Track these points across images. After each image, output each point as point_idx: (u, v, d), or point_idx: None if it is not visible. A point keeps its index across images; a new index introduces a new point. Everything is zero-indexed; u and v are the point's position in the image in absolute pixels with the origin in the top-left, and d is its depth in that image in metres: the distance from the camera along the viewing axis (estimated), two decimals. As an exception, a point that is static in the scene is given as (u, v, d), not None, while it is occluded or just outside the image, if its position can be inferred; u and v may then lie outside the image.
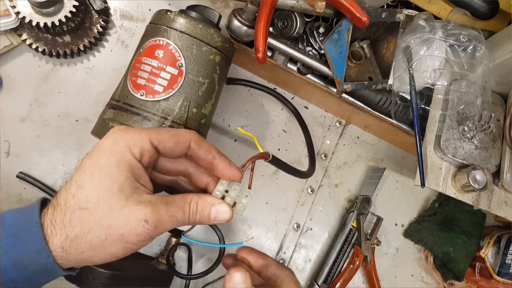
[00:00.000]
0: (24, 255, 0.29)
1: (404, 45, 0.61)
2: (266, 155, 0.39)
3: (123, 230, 0.30)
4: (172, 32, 0.51)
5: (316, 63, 0.65)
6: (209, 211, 0.34)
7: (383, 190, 0.77)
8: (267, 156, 0.39)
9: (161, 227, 0.32)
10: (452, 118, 0.61)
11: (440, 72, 0.60)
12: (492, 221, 0.79)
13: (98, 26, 0.64)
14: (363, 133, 0.77)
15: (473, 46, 0.60)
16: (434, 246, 0.74)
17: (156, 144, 0.34)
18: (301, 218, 0.73)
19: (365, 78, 0.65)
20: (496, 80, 0.66)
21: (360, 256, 0.70)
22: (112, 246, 0.30)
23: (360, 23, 0.54)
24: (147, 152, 0.33)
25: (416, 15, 0.62)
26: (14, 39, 0.61)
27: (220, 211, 0.35)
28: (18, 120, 0.62)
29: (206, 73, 0.52)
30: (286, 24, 0.65)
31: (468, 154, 0.60)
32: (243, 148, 0.71)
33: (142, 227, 0.30)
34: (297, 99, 0.74)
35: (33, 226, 0.30)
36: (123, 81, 0.53)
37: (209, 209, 0.34)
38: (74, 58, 0.65)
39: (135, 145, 0.32)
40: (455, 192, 0.60)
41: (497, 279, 0.71)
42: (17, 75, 0.63)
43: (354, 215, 0.71)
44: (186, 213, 0.34)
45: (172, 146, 0.35)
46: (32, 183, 0.61)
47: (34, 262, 0.30)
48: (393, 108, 0.67)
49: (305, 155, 0.73)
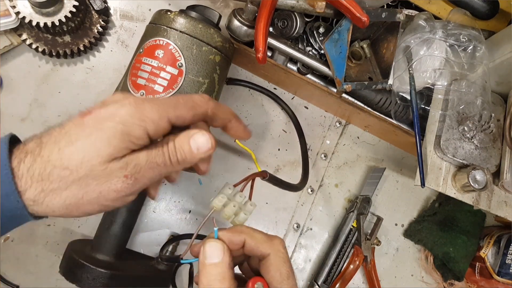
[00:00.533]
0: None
1: (404, 45, 0.61)
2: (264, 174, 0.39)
3: (101, 188, 0.29)
4: (172, 32, 0.51)
5: (316, 63, 0.65)
6: (188, 144, 0.32)
7: (383, 190, 0.77)
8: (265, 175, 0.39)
9: (142, 177, 0.30)
10: (452, 118, 0.61)
11: (440, 72, 0.60)
12: (492, 221, 0.79)
13: (98, 26, 0.64)
14: (363, 133, 0.77)
15: (473, 46, 0.60)
16: (434, 246, 0.74)
17: (174, 121, 0.32)
18: (301, 218, 0.73)
19: (365, 78, 0.65)
20: (496, 80, 0.66)
21: (360, 256, 0.70)
22: (88, 204, 0.29)
23: (360, 23, 0.54)
24: (162, 130, 0.32)
25: (416, 15, 0.62)
26: (14, 39, 0.61)
27: (199, 139, 0.32)
28: (18, 120, 0.62)
29: (206, 73, 0.52)
30: (286, 24, 0.65)
31: (468, 154, 0.60)
32: (243, 148, 0.71)
33: (121, 182, 0.29)
34: (297, 99, 0.74)
35: (3, 168, 0.28)
36: (123, 81, 0.53)
37: (188, 142, 0.32)
38: (74, 58, 0.65)
39: (152, 122, 0.31)
40: (455, 192, 0.60)
41: (497, 279, 0.71)
42: (17, 75, 0.63)
43: (354, 215, 0.71)
44: (166, 154, 0.31)
45: (190, 120, 0.33)
46: (32, 183, 0.61)
47: (3, 205, 0.28)
48: (393, 108, 0.67)
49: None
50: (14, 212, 0.28)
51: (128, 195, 0.31)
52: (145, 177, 0.31)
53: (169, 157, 0.31)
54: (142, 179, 0.30)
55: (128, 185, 0.30)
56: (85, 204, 0.29)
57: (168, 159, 0.31)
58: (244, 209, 0.36)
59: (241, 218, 0.35)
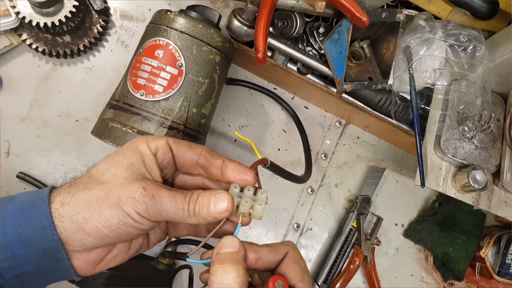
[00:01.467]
0: (29, 231, 0.30)
1: (404, 45, 0.61)
2: (265, 161, 0.38)
3: (121, 194, 0.31)
4: (172, 32, 0.51)
5: (316, 63, 0.65)
6: (209, 200, 0.33)
7: (383, 190, 0.77)
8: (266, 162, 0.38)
9: (159, 200, 0.32)
10: (452, 118, 0.61)
11: (440, 72, 0.60)
12: (492, 221, 0.79)
13: (98, 26, 0.64)
14: (363, 133, 0.77)
15: (473, 46, 0.60)
16: (434, 246, 0.74)
17: (171, 144, 0.36)
18: (301, 218, 0.73)
19: (365, 78, 0.65)
20: (496, 80, 0.66)
21: (360, 256, 0.70)
22: (108, 208, 0.30)
23: (360, 23, 0.54)
24: (162, 148, 0.35)
25: (416, 15, 0.62)
26: (14, 39, 0.61)
27: (219, 198, 0.33)
28: (18, 120, 0.62)
29: (206, 73, 0.52)
30: (286, 24, 0.65)
31: (468, 154, 0.60)
32: (243, 148, 0.71)
33: (139, 193, 0.31)
34: (297, 99, 0.74)
35: (42, 203, 0.31)
36: (123, 81, 0.53)
37: (209, 198, 0.33)
38: (74, 58, 0.65)
39: (153, 140, 0.35)
40: (455, 192, 0.60)
41: (497, 279, 0.71)
42: (17, 75, 0.63)
43: (354, 215, 0.71)
44: (187, 199, 0.33)
45: (186, 149, 0.36)
46: (32, 183, 0.61)
47: (39, 238, 0.30)
48: (393, 108, 0.67)
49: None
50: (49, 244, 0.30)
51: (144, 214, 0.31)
52: (162, 204, 0.32)
53: (189, 202, 0.33)
54: (159, 203, 0.32)
55: (146, 199, 0.31)
56: (105, 207, 0.31)
57: (187, 204, 0.33)
58: (258, 200, 0.35)
59: (258, 210, 0.35)
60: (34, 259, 0.31)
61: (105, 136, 0.49)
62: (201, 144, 0.56)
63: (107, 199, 0.31)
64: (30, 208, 0.31)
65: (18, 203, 0.32)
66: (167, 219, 0.33)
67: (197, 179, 0.39)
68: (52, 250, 0.31)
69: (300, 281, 0.33)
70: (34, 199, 0.32)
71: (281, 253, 0.35)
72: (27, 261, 0.30)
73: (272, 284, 0.31)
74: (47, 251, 0.31)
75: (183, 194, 0.33)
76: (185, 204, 0.33)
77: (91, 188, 0.32)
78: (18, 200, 0.32)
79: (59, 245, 0.31)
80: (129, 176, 0.32)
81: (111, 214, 0.31)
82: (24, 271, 0.31)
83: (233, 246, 0.33)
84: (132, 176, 0.32)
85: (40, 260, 0.31)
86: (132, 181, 0.32)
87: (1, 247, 0.30)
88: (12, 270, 0.30)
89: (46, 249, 0.31)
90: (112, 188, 0.31)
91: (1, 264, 0.30)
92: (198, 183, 0.39)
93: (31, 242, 0.30)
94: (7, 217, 0.31)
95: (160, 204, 0.32)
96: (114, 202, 0.31)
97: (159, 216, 0.32)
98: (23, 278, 0.31)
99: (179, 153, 0.36)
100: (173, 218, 0.33)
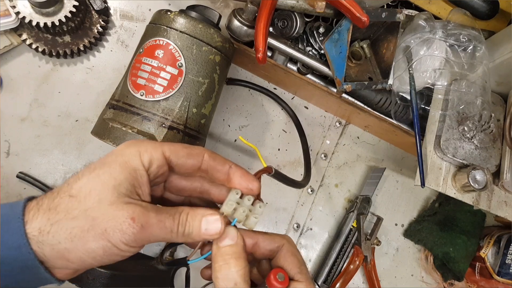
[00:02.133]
0: (4, 249, 0.28)
1: (404, 45, 0.61)
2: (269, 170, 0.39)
3: (107, 225, 0.29)
4: (172, 32, 0.51)
5: (316, 63, 0.65)
6: (200, 221, 0.32)
7: (383, 190, 0.77)
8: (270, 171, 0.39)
9: (148, 229, 0.30)
10: (452, 118, 0.61)
11: (440, 72, 0.60)
12: (492, 221, 0.79)
13: (98, 26, 0.64)
14: (363, 133, 0.77)
15: (473, 46, 0.60)
16: (434, 246, 0.74)
17: (168, 155, 0.33)
18: (301, 218, 0.73)
19: (365, 78, 0.65)
20: (496, 80, 0.66)
21: (360, 256, 0.70)
22: (93, 240, 0.29)
23: (360, 23, 0.54)
24: (156, 161, 0.32)
25: (416, 15, 0.62)
26: (14, 39, 0.61)
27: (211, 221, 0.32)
28: (18, 120, 0.62)
29: (206, 73, 0.52)
30: (286, 24, 0.65)
31: (468, 154, 0.60)
32: (243, 148, 0.71)
33: (128, 225, 0.29)
34: (297, 99, 0.75)
35: (15, 221, 0.29)
36: (123, 81, 0.53)
37: (200, 219, 0.32)
38: (74, 58, 0.65)
39: (146, 152, 0.32)
40: (455, 192, 0.60)
41: (497, 279, 0.71)
42: (17, 75, 0.63)
43: (354, 215, 0.71)
44: (176, 221, 0.31)
45: (185, 157, 0.34)
46: (32, 183, 0.61)
47: (15, 257, 0.28)
48: (393, 108, 0.67)
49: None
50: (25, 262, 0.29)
51: (131, 242, 0.29)
52: (151, 232, 0.30)
53: (178, 225, 0.32)
54: (148, 231, 0.30)
55: (134, 230, 0.29)
56: (90, 239, 0.29)
57: (176, 226, 0.31)
58: (254, 212, 0.35)
59: (252, 222, 0.35)
60: (12, 275, 0.29)
61: (105, 136, 0.49)
62: (201, 144, 0.56)
63: (92, 230, 0.29)
64: (3, 225, 0.29)
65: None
66: (155, 241, 0.32)
67: (196, 183, 0.37)
68: (29, 267, 0.29)
69: (299, 272, 0.34)
70: (7, 214, 0.29)
71: (277, 242, 0.35)
72: (5, 277, 0.29)
73: (273, 277, 0.32)
74: (24, 268, 0.29)
75: (172, 217, 0.32)
76: (174, 227, 0.31)
77: (73, 216, 0.29)
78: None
79: (36, 263, 0.29)
80: (115, 200, 0.29)
81: (96, 246, 0.29)
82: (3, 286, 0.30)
83: (232, 238, 0.33)
84: (119, 201, 0.30)
85: (18, 276, 0.30)
86: (119, 207, 0.29)
87: None
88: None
89: (23, 267, 0.29)
90: (97, 217, 0.29)
91: None
92: (196, 187, 0.37)
93: (6, 261, 0.29)
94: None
95: (149, 232, 0.30)
96: (100, 233, 0.29)
97: (147, 242, 0.31)
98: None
99: (180, 162, 0.34)
100: (161, 240, 0.32)
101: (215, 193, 0.37)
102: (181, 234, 0.32)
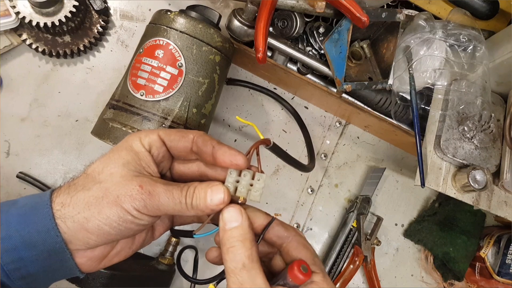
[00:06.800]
0: (34, 234, 0.31)
1: (404, 45, 0.61)
2: (267, 141, 0.38)
3: (119, 192, 0.32)
4: (172, 32, 0.51)
5: (316, 63, 0.65)
6: (205, 193, 0.34)
7: (383, 190, 0.77)
8: (269, 142, 0.38)
9: (156, 196, 0.32)
10: (452, 118, 0.61)
11: (440, 72, 0.60)
12: (492, 221, 0.79)
13: (98, 26, 0.64)
14: (363, 133, 0.77)
15: (473, 46, 0.60)
16: (434, 246, 0.74)
17: (163, 137, 0.36)
18: (301, 218, 0.73)
19: (365, 78, 0.65)
20: (496, 80, 0.66)
21: (360, 256, 0.70)
22: (107, 207, 0.31)
23: (360, 23, 0.54)
24: (155, 143, 0.35)
25: (416, 15, 0.62)
26: (14, 39, 0.61)
27: (215, 191, 0.34)
28: (18, 120, 0.62)
29: (206, 73, 0.52)
30: (286, 24, 0.65)
31: (468, 154, 0.60)
32: (243, 148, 0.71)
33: (136, 191, 0.32)
34: (297, 99, 0.74)
35: (44, 206, 0.32)
36: (123, 81, 0.53)
37: (205, 191, 0.34)
38: (74, 58, 0.65)
39: (145, 136, 0.35)
40: (455, 192, 0.60)
41: (497, 279, 0.71)
42: (17, 75, 0.63)
43: (354, 215, 0.71)
44: (184, 192, 0.33)
45: (177, 139, 0.36)
46: (32, 183, 0.61)
47: (43, 240, 0.31)
48: (393, 108, 0.67)
49: (305, 155, 0.73)
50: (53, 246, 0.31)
51: (142, 210, 0.32)
52: (160, 200, 0.33)
53: (186, 196, 0.34)
54: (156, 199, 0.32)
55: (143, 196, 0.32)
56: (104, 206, 0.31)
57: (184, 198, 0.33)
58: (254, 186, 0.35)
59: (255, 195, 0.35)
60: (39, 260, 0.32)
61: (105, 136, 0.49)
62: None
63: (106, 198, 0.31)
64: (33, 211, 0.32)
65: (21, 207, 0.32)
66: (166, 213, 0.34)
67: (194, 168, 0.38)
68: (56, 251, 0.32)
69: (313, 264, 0.35)
70: (36, 202, 0.32)
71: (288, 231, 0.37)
72: (33, 262, 0.32)
73: (297, 268, 0.33)
74: (51, 252, 0.32)
75: (180, 188, 0.34)
76: (182, 198, 0.33)
77: (89, 188, 0.32)
78: (20, 204, 0.33)
79: (63, 246, 0.32)
80: (125, 174, 0.33)
81: (111, 212, 0.31)
82: (30, 272, 0.32)
83: (236, 219, 0.33)
84: (129, 174, 0.33)
85: (45, 261, 0.32)
86: (129, 179, 0.32)
87: (7, 250, 0.31)
88: (18, 272, 0.31)
89: (50, 251, 0.32)
90: (109, 187, 0.32)
91: (8, 266, 0.31)
92: (194, 171, 0.38)
93: (35, 245, 0.31)
94: (11, 220, 0.31)
95: (157, 200, 0.32)
96: (113, 200, 0.31)
97: (158, 211, 0.33)
98: (29, 279, 0.32)
99: (172, 144, 0.36)
100: (171, 212, 0.34)
101: (212, 175, 0.38)
102: (189, 206, 0.33)
